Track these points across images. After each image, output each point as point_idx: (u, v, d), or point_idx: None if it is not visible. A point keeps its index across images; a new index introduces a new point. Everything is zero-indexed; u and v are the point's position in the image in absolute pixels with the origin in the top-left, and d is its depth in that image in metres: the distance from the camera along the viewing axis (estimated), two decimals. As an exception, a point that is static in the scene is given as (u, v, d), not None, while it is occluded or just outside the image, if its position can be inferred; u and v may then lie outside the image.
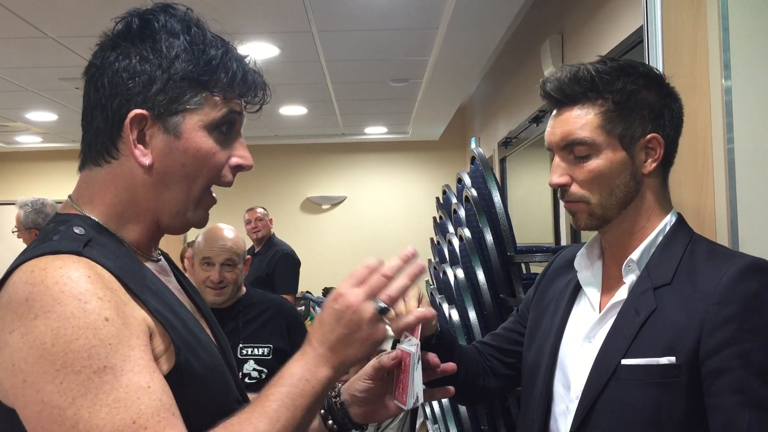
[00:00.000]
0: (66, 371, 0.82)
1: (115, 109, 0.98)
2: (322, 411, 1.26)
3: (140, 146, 0.99)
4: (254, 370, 2.49)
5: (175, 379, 0.92)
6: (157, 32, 0.99)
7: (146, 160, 0.99)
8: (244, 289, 2.66)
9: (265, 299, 2.71)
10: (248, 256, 2.67)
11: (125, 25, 1.01)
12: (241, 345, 2.55)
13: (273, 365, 2.42)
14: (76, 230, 0.95)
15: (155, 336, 0.92)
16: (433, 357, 1.27)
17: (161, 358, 0.92)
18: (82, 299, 0.85)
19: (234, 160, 1.05)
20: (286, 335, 2.57)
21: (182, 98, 0.99)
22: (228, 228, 2.58)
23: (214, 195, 1.08)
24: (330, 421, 1.25)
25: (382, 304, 1.05)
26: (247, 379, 2.46)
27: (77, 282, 0.86)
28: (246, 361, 2.52)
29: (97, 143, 1.01)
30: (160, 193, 1.01)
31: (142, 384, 0.85)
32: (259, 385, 2.27)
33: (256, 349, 2.53)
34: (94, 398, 0.83)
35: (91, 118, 1.01)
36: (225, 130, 1.03)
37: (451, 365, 1.28)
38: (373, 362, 1.23)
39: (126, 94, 0.98)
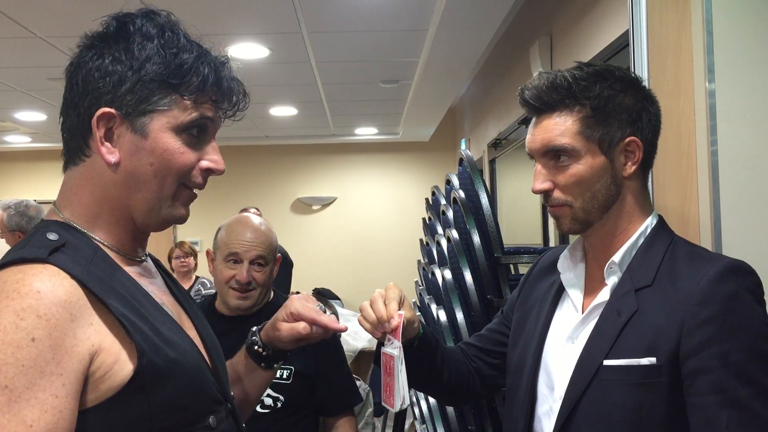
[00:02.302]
0: None
1: (86, 107, 1.01)
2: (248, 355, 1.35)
3: (107, 144, 1.01)
4: (268, 396, 1.99)
5: (138, 381, 0.94)
6: (132, 35, 1.02)
7: (112, 158, 1.01)
8: (272, 294, 2.21)
9: None
10: (279, 255, 2.21)
11: (104, 27, 1.04)
12: None
13: (292, 392, 2.00)
14: (50, 236, 0.97)
15: (102, 351, 0.93)
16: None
17: (115, 366, 0.93)
18: (20, 315, 0.86)
19: (204, 164, 1.07)
20: (312, 357, 2.05)
21: (151, 99, 1.01)
22: (259, 219, 2.16)
23: (192, 190, 1.09)
24: (257, 348, 1.34)
25: None
26: (259, 408, 1.95)
27: (24, 297, 0.88)
28: None
29: (72, 141, 1.04)
30: (131, 192, 1.03)
31: (26, 420, 0.84)
32: (272, 415, 1.96)
33: None
34: None
35: (66, 117, 1.05)
36: (196, 134, 1.05)
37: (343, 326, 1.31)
38: (287, 326, 1.29)
39: (96, 92, 1.01)
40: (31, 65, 4.77)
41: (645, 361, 1.15)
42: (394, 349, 1.26)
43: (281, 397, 2.00)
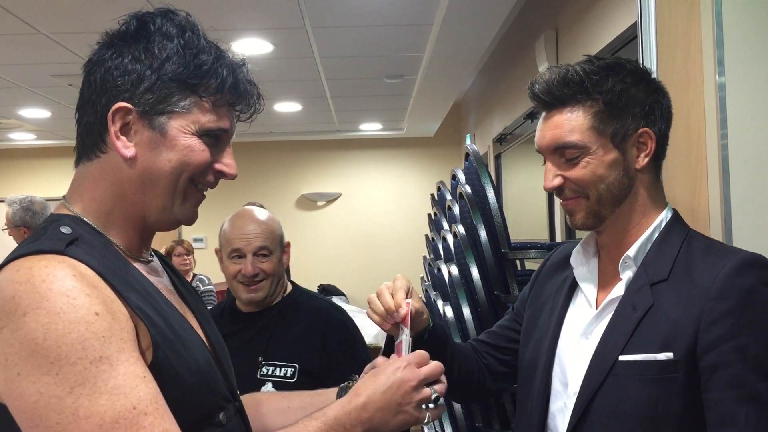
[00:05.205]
0: (61, 363, 0.85)
1: (104, 104, 1.01)
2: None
3: (123, 138, 1.01)
4: None
5: (154, 374, 0.94)
6: (152, 34, 1.03)
7: (128, 152, 1.01)
8: (289, 285, 2.15)
9: (310, 304, 2.10)
10: (287, 241, 2.13)
11: (124, 26, 1.05)
12: (261, 360, 1.97)
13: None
14: (63, 230, 0.97)
15: (138, 332, 0.94)
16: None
17: (143, 354, 0.94)
18: (71, 296, 0.87)
19: (218, 166, 1.08)
20: (318, 353, 1.98)
21: (170, 99, 1.02)
22: (258, 210, 2.10)
23: (202, 192, 1.10)
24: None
25: (437, 394, 1.13)
26: None
27: (63, 279, 0.88)
28: (263, 383, 1.94)
29: (88, 138, 1.04)
30: (146, 189, 1.03)
31: (138, 373, 0.89)
32: None
33: (277, 369, 1.96)
34: (93, 386, 0.85)
35: (83, 113, 1.05)
36: (213, 138, 1.06)
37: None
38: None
39: (114, 90, 1.01)
40: (35, 62, 4.76)
41: (661, 356, 1.14)
42: (402, 335, 1.26)
43: None
